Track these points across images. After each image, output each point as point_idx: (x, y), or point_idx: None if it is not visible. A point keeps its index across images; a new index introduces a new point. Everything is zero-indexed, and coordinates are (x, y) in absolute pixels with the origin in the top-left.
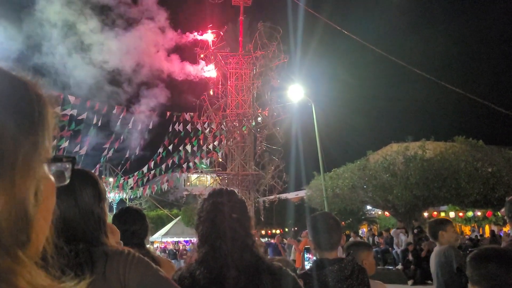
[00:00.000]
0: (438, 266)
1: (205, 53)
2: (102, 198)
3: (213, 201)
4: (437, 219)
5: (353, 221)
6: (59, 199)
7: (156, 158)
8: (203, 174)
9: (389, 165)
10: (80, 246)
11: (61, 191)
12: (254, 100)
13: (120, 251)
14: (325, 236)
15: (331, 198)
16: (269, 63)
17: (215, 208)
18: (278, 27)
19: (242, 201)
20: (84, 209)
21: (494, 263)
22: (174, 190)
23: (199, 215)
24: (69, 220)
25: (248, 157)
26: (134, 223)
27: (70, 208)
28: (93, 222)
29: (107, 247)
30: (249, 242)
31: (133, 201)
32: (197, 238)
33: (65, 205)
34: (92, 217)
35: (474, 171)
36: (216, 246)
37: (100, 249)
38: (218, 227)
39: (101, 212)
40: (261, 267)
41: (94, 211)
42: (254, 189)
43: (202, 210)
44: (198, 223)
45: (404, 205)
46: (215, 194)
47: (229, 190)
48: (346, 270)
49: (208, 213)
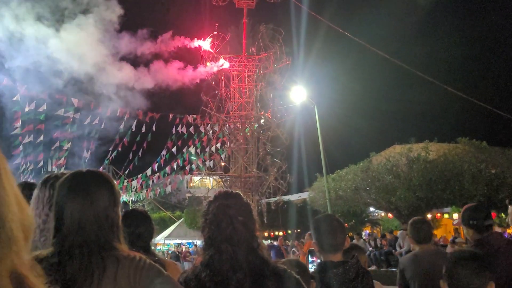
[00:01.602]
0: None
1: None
2: (116, 202)
3: (219, 203)
4: (421, 219)
5: (356, 223)
6: (75, 201)
7: (160, 160)
8: (206, 176)
9: (392, 167)
10: (92, 249)
11: (78, 193)
12: (257, 102)
13: (132, 256)
14: (329, 237)
15: (334, 200)
16: (272, 64)
17: (222, 210)
18: (280, 29)
19: (247, 203)
20: (98, 213)
21: (470, 265)
22: (176, 192)
23: (205, 217)
24: (83, 223)
25: (251, 159)
26: (139, 225)
27: (85, 211)
28: (106, 226)
29: (118, 252)
30: (254, 244)
31: (136, 203)
32: (202, 241)
33: (81, 207)
34: (106, 221)
35: (478, 173)
36: (222, 249)
37: (111, 254)
38: (225, 230)
39: (115, 216)
40: (266, 270)
41: (109, 215)
42: (257, 191)
43: (208, 212)
44: (204, 226)
45: (407, 206)
46: (221, 197)
47: (235, 192)
48: (350, 272)
49: (215, 215)
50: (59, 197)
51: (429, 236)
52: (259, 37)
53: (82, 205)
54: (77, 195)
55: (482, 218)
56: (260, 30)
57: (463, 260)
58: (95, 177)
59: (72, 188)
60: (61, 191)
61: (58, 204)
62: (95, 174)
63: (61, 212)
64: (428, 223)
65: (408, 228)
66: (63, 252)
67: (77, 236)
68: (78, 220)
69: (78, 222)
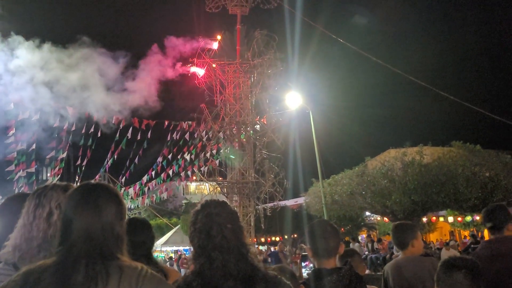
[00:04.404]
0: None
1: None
2: (123, 216)
3: (207, 212)
4: (399, 224)
5: (352, 228)
6: (84, 213)
7: (156, 167)
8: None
9: (387, 171)
10: (97, 260)
11: (87, 206)
12: (252, 108)
13: (134, 266)
14: (322, 242)
15: (330, 204)
16: (267, 70)
17: (210, 219)
18: (274, 35)
19: (234, 211)
20: (106, 226)
21: (461, 272)
22: (173, 198)
23: (194, 227)
24: (91, 235)
25: (247, 165)
26: (140, 234)
27: (93, 223)
28: (112, 239)
29: (122, 262)
30: (243, 251)
31: (132, 210)
32: (192, 250)
33: (89, 219)
34: (112, 233)
35: (472, 176)
36: (212, 257)
37: (115, 263)
38: (214, 238)
39: (120, 230)
40: (257, 276)
41: (115, 228)
42: (254, 196)
43: (196, 221)
44: (193, 235)
45: (402, 210)
46: (208, 205)
47: (221, 201)
48: (344, 279)
49: (204, 224)
50: (68, 208)
51: (405, 242)
52: (254, 43)
53: (91, 217)
54: (86, 208)
55: (499, 219)
56: (254, 36)
57: (455, 268)
58: (104, 191)
59: (82, 200)
60: (70, 203)
61: (67, 215)
62: (104, 188)
63: (69, 222)
64: (405, 228)
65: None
66: (68, 262)
67: (83, 246)
68: (85, 232)
69: (86, 234)
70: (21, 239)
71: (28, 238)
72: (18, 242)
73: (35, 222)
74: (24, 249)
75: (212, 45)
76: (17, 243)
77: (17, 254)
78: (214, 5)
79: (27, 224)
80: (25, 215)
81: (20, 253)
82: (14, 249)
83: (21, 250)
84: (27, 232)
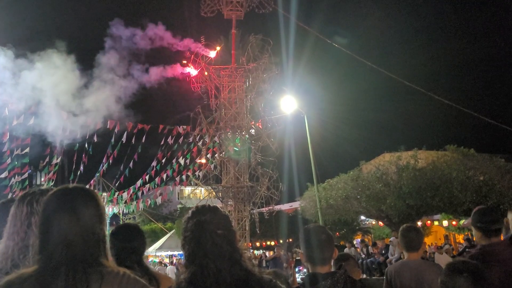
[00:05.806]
0: None
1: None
2: (102, 218)
3: (197, 220)
4: (409, 226)
5: (347, 232)
6: (62, 218)
7: (150, 172)
8: (197, 187)
9: (382, 175)
10: (78, 266)
11: (64, 210)
12: (247, 112)
13: (116, 272)
14: (317, 251)
15: (325, 209)
16: (262, 75)
17: (200, 227)
18: (269, 39)
19: (226, 216)
20: (85, 229)
21: (463, 276)
22: (167, 203)
23: (184, 235)
24: (70, 240)
25: (242, 169)
26: (132, 240)
27: (72, 227)
28: (93, 242)
29: (104, 267)
30: (236, 256)
31: (127, 215)
32: (184, 257)
33: (67, 224)
34: (93, 237)
35: (466, 180)
36: (203, 265)
37: (96, 270)
38: (204, 246)
39: (101, 233)
40: (251, 281)
41: (95, 231)
42: (249, 201)
43: (186, 229)
44: (184, 243)
45: (397, 214)
46: (198, 212)
47: (212, 206)
48: (338, 284)
49: (193, 232)
50: (45, 214)
51: (417, 244)
52: (249, 47)
53: (69, 222)
54: (64, 212)
55: (490, 222)
56: (249, 40)
57: (458, 272)
58: (82, 193)
59: (59, 205)
60: (47, 208)
61: (44, 220)
62: (82, 190)
63: (47, 228)
64: (417, 230)
65: (398, 235)
66: (49, 269)
67: (63, 253)
68: (64, 237)
69: (65, 239)
70: (13, 248)
71: (22, 247)
72: (10, 252)
73: (30, 230)
74: (17, 259)
75: (209, 53)
76: (9, 252)
77: (9, 263)
78: (209, 9)
79: (20, 232)
80: (17, 222)
81: (13, 262)
82: (7, 258)
83: (14, 259)
84: (20, 241)
